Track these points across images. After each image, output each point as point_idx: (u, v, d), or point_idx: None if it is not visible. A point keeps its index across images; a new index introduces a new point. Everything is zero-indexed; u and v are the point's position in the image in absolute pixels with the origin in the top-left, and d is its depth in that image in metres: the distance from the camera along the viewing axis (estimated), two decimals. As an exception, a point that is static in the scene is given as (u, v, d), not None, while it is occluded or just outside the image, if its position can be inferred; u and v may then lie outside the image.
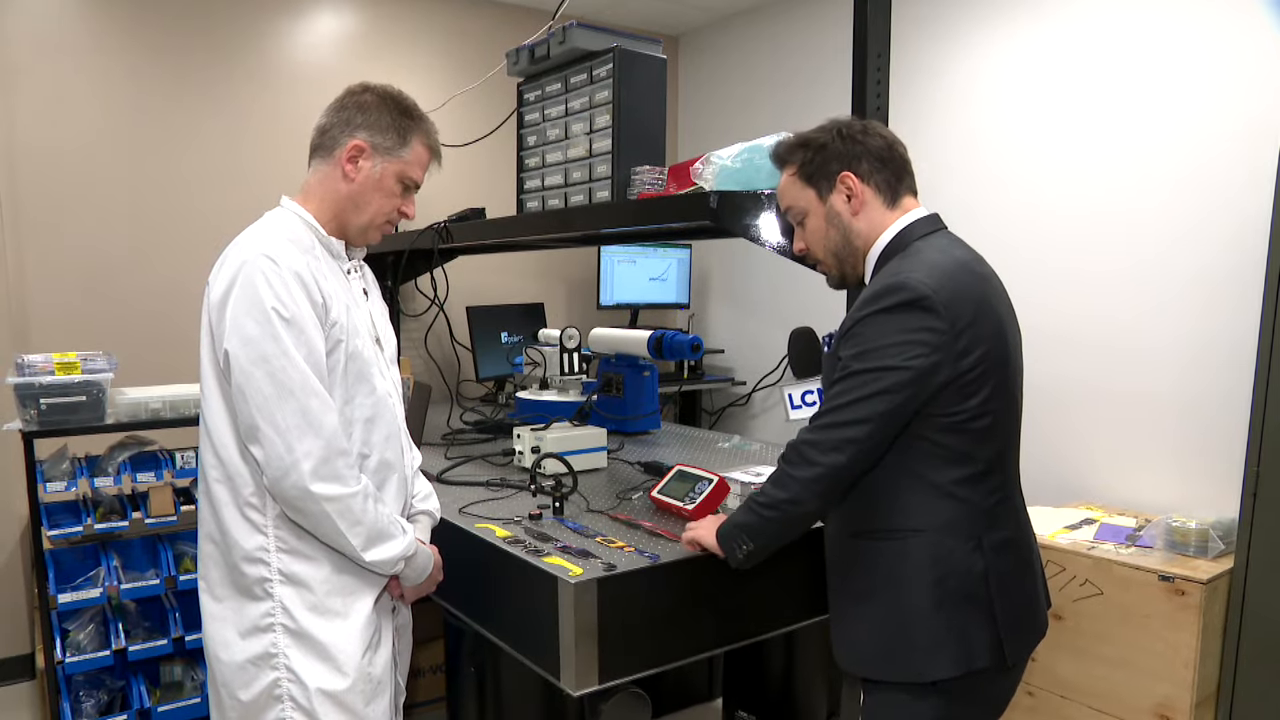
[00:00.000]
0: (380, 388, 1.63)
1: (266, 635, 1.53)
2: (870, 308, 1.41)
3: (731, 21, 4.44)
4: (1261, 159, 2.54)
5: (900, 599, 1.46)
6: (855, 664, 1.55)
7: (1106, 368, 2.96)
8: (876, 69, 1.83)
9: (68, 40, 3.23)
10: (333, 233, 1.63)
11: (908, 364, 1.38)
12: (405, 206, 1.67)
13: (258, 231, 1.56)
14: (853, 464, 1.43)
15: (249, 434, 1.48)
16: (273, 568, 1.53)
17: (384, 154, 1.60)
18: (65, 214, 3.26)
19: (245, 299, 1.46)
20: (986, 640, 1.46)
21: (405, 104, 1.64)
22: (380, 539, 1.54)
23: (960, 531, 1.46)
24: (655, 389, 2.89)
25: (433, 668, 3.08)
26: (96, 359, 2.64)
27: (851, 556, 1.54)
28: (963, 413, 1.42)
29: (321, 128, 1.62)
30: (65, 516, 2.76)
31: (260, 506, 1.53)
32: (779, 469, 1.50)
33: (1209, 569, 2.36)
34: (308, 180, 1.64)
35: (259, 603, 1.54)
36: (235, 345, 1.46)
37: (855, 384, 1.40)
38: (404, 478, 1.70)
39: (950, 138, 3.41)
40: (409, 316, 3.81)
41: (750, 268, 4.40)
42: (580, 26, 2.29)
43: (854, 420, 1.40)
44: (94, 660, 2.56)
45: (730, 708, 2.51)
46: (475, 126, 3.00)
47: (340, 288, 1.59)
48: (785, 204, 1.62)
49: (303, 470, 1.45)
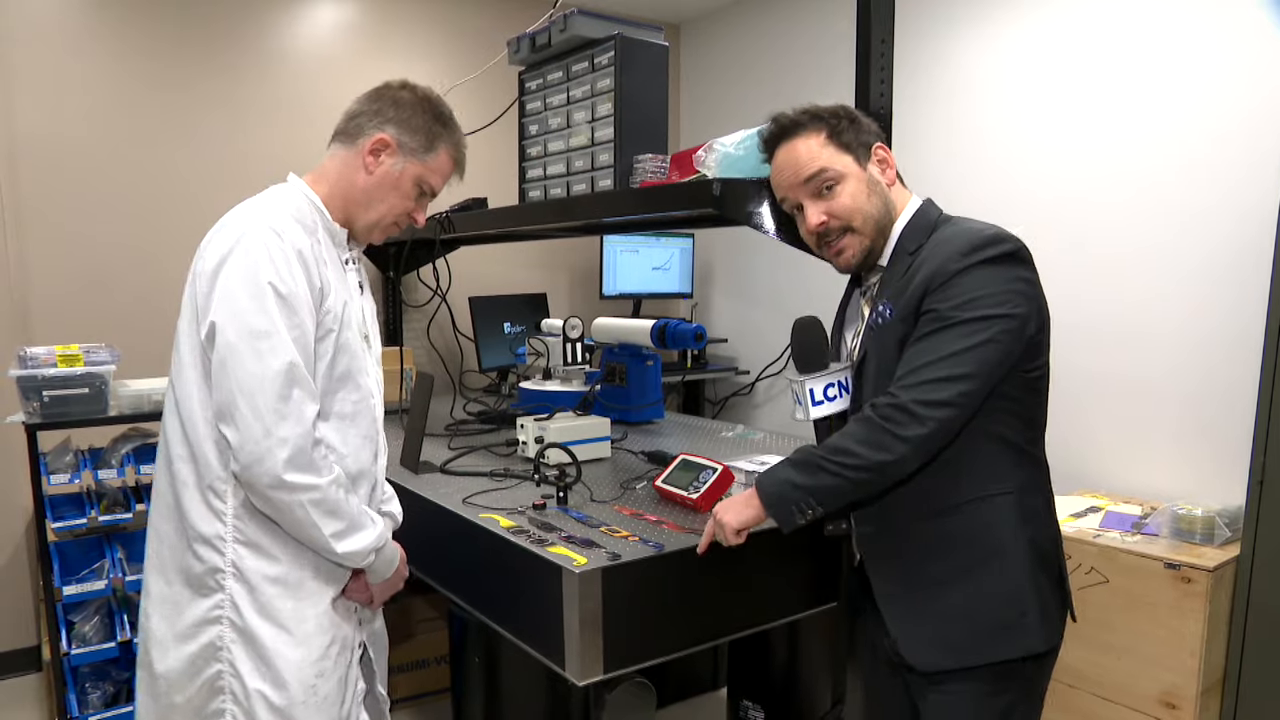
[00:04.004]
0: (364, 385, 1.58)
1: (213, 628, 1.47)
2: (969, 259, 1.38)
3: (733, 8, 4.41)
4: (1266, 146, 2.52)
5: (1003, 566, 1.42)
6: (948, 657, 1.45)
7: (1112, 355, 2.95)
8: (880, 55, 1.81)
9: (68, 33, 3.22)
10: (339, 221, 1.58)
11: (1015, 312, 1.37)
12: (416, 212, 1.63)
13: (262, 204, 1.50)
14: (963, 417, 1.37)
15: (224, 412, 1.40)
16: (227, 558, 1.46)
17: (408, 154, 1.56)
18: (67, 206, 3.25)
19: (242, 269, 1.39)
20: (1061, 605, 1.48)
21: (441, 110, 1.61)
22: (352, 529, 1.48)
23: (1037, 490, 1.47)
24: (658, 378, 2.89)
25: (437, 658, 3.09)
26: (99, 351, 2.64)
27: (928, 539, 1.46)
28: (1034, 370, 1.44)
29: (351, 113, 1.59)
30: (69, 509, 2.76)
31: (222, 493, 1.45)
32: (871, 428, 1.37)
33: (1215, 556, 2.36)
34: (324, 163, 1.60)
35: (209, 595, 1.47)
36: (224, 317, 1.39)
37: (960, 334, 1.36)
38: (374, 482, 1.64)
39: (954, 126, 3.39)
40: (411, 307, 3.81)
41: (754, 257, 4.38)
42: (581, 14, 2.27)
43: (966, 369, 1.35)
44: (99, 652, 2.57)
45: (735, 697, 2.52)
46: (476, 116, 2.96)
47: (338, 277, 1.54)
48: (818, 166, 1.49)
49: (278, 457, 1.38)
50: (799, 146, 1.51)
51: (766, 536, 1.74)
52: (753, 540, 1.72)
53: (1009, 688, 1.45)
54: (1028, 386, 1.44)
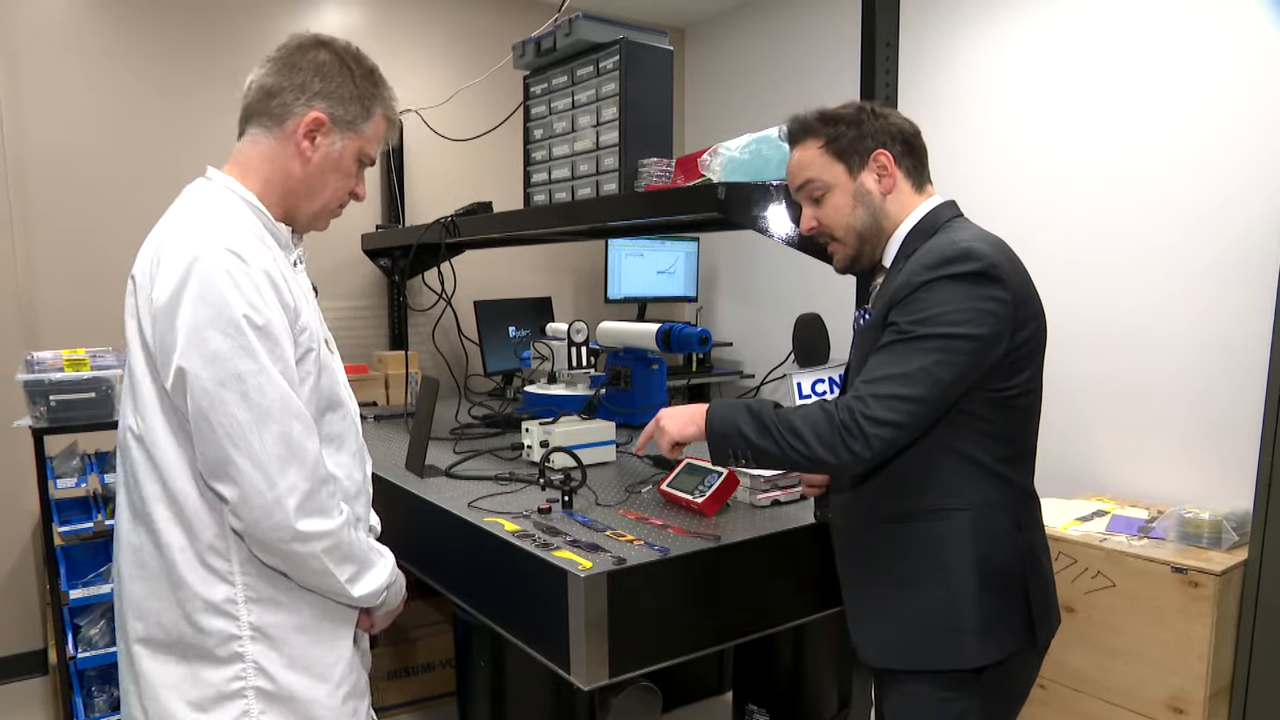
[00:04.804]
0: (346, 401, 1.44)
1: (235, 703, 1.29)
2: (934, 274, 1.36)
3: (738, 12, 4.42)
4: (1273, 147, 2.52)
5: (947, 581, 1.42)
6: (891, 657, 1.49)
7: (1118, 358, 2.94)
8: (885, 59, 1.80)
9: (76, 38, 3.24)
10: (279, 218, 1.38)
11: (975, 332, 1.34)
12: (358, 187, 1.45)
13: (201, 217, 1.29)
14: (909, 434, 1.37)
15: (215, 470, 1.22)
16: (242, 622, 1.29)
17: (344, 128, 1.37)
18: (73, 211, 3.26)
19: (207, 305, 1.20)
20: (1021, 623, 1.45)
21: (366, 65, 1.41)
22: (364, 569, 1.36)
23: (1001, 510, 1.45)
24: (664, 382, 2.88)
25: (442, 662, 3.09)
26: (105, 355, 2.65)
27: (884, 543, 1.49)
28: (1011, 389, 1.41)
29: (267, 89, 1.36)
30: (76, 512, 2.77)
31: (224, 551, 1.28)
32: (831, 427, 1.36)
33: (1223, 560, 2.35)
34: (243, 151, 1.38)
35: (225, 666, 1.28)
36: (195, 363, 1.20)
37: (917, 349, 1.34)
38: (369, 496, 1.52)
39: (960, 129, 3.39)
40: (416, 311, 3.82)
41: (758, 260, 4.38)
42: (586, 19, 2.27)
43: (916, 390, 1.33)
44: (106, 655, 2.57)
45: (740, 701, 2.51)
46: (481, 120, 2.99)
47: (298, 286, 1.37)
48: (806, 176, 1.53)
49: (288, 508, 1.22)
50: (797, 154, 1.56)
51: (773, 541, 1.74)
52: (758, 544, 1.72)
53: (964, 694, 1.45)
54: (1000, 405, 1.42)
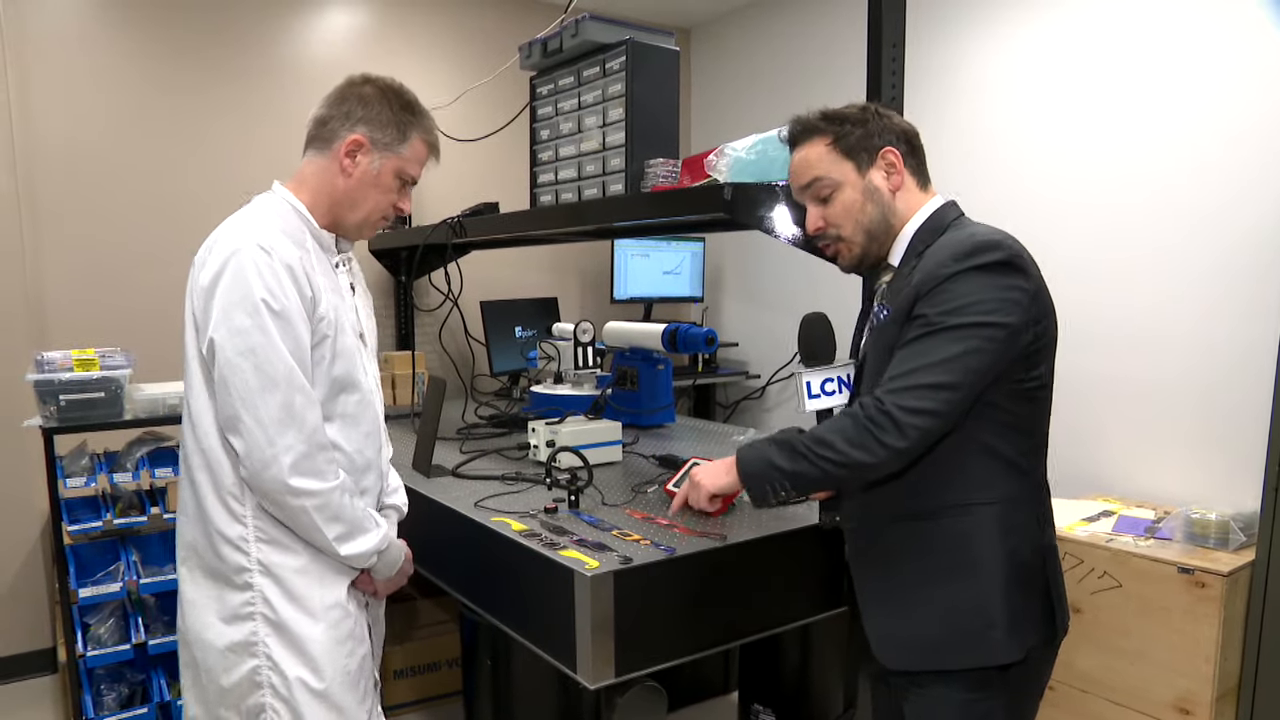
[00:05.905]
0: (364, 384, 1.64)
1: (247, 623, 1.54)
2: (961, 265, 1.37)
3: (744, 13, 4.42)
4: (1277, 149, 2.51)
5: (975, 577, 1.41)
6: (912, 658, 1.47)
7: (1124, 359, 2.94)
8: (891, 60, 1.81)
9: (85, 37, 3.25)
10: (326, 225, 1.62)
11: (1005, 320, 1.35)
12: (401, 202, 1.66)
13: (250, 219, 1.54)
14: (945, 425, 1.36)
15: (229, 424, 1.47)
16: (251, 557, 1.53)
17: (383, 149, 1.59)
18: (82, 211, 3.28)
19: (235, 289, 1.45)
20: (1042, 618, 1.46)
21: (406, 98, 1.62)
22: (354, 533, 1.55)
23: (1025, 504, 1.45)
24: (669, 382, 2.89)
25: (448, 661, 3.10)
26: (114, 355, 2.66)
27: (903, 541, 1.47)
28: (1030, 380, 1.42)
29: (320, 119, 1.61)
30: (85, 512, 2.78)
31: (240, 496, 1.53)
32: (857, 427, 1.36)
33: (1230, 561, 2.34)
34: (302, 170, 1.63)
35: (239, 591, 1.54)
36: (222, 335, 1.45)
37: (949, 339, 1.34)
38: (380, 473, 1.72)
39: (965, 130, 3.39)
40: (423, 311, 3.83)
41: (764, 261, 4.38)
42: (593, 19, 2.28)
43: (951, 377, 1.33)
44: (114, 654, 2.58)
45: (746, 701, 2.51)
46: (488, 121, 3.00)
47: (328, 281, 1.59)
48: (813, 175, 1.52)
49: (283, 464, 1.45)
50: (802, 153, 1.55)
51: (779, 541, 1.74)
52: (764, 544, 1.72)
53: (989, 694, 1.44)
54: (1022, 397, 1.42)
